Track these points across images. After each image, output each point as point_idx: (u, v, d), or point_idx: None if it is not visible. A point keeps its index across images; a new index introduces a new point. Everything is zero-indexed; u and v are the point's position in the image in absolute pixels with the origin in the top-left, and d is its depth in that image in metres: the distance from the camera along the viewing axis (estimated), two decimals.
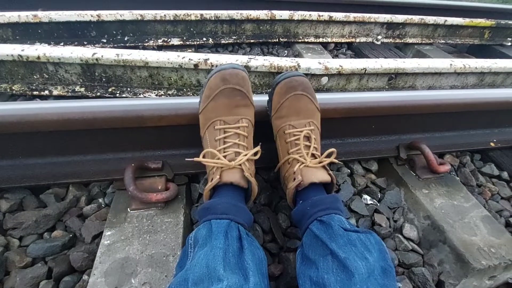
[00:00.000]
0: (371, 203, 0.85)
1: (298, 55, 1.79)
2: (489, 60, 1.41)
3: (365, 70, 1.21)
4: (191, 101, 0.75)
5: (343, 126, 0.90)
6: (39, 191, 0.77)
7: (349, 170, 0.95)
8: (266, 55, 1.78)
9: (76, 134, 0.72)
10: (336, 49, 1.96)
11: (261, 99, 0.78)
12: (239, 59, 1.12)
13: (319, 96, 0.79)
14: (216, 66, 1.07)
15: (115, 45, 1.57)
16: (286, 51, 1.83)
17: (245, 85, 0.65)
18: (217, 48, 1.76)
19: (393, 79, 1.31)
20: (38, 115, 0.67)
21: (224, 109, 0.63)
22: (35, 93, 1.15)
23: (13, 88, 1.15)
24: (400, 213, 0.84)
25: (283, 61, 1.14)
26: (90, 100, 0.74)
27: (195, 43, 1.68)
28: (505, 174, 1.03)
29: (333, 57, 1.83)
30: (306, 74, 1.17)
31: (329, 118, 0.82)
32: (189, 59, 1.09)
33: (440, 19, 2.04)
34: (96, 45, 1.55)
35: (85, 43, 1.54)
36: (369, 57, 1.81)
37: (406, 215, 0.84)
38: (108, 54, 1.07)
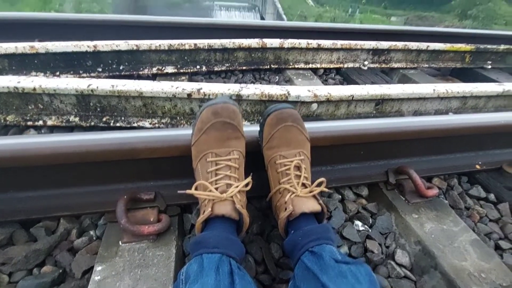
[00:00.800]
0: (363, 229, 0.86)
1: (289, 80, 1.86)
2: (470, 85, 1.49)
3: (353, 97, 1.26)
4: (183, 132, 0.77)
5: (332, 153, 0.92)
6: (29, 224, 0.76)
7: (340, 196, 0.97)
8: (258, 81, 1.84)
9: (69, 167, 0.73)
10: (325, 74, 2.04)
11: (252, 129, 0.80)
12: (231, 88, 1.16)
13: (308, 125, 0.82)
14: (209, 95, 1.12)
15: (110, 74, 1.61)
16: (277, 77, 1.89)
17: (236, 118, 0.67)
18: (210, 75, 1.82)
19: (380, 104, 1.36)
20: (32, 150, 0.68)
21: (216, 142, 0.65)
22: (29, 123, 1.16)
23: (7, 119, 1.16)
24: (392, 239, 0.85)
25: (274, 89, 1.18)
26: (84, 133, 0.75)
27: (189, 70, 1.74)
28: (492, 196, 1.05)
29: (322, 82, 1.89)
30: (296, 102, 1.22)
31: (319, 146, 0.85)
32: (183, 88, 1.12)
33: (423, 45, 2.16)
34: (92, 74, 1.59)
35: (80, 72, 1.58)
36: (357, 82, 1.89)
37: (398, 240, 0.85)
38: (103, 85, 1.10)
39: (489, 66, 2.41)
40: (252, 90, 1.16)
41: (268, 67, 1.91)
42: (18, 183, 0.73)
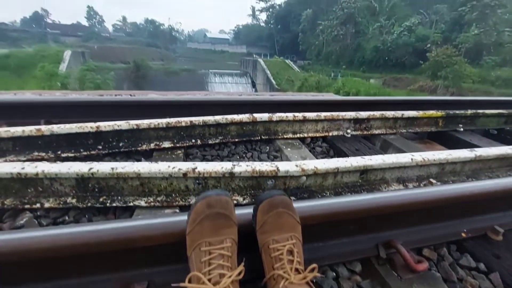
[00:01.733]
0: None
1: (278, 150, 1.98)
2: (444, 152, 1.62)
3: (338, 169, 1.35)
4: (177, 219, 0.81)
5: (323, 229, 0.96)
6: None
7: (334, 274, 0.97)
8: (250, 152, 1.95)
9: (64, 260, 0.74)
10: (312, 143, 2.19)
11: (246, 211, 0.86)
12: (224, 166, 1.24)
13: (297, 205, 0.89)
14: (203, 174, 1.19)
15: (110, 151, 1.70)
16: (267, 147, 2.02)
17: (228, 207, 0.73)
18: (204, 147, 1.93)
19: (365, 174, 1.45)
20: (30, 245, 0.71)
21: (209, 232, 0.70)
22: (26, 206, 1.19)
23: (5, 202, 1.19)
24: None
25: (264, 166, 1.27)
26: (80, 225, 0.78)
27: (185, 144, 1.85)
28: (482, 266, 1.06)
29: (310, 150, 2.02)
30: (286, 176, 1.30)
31: (309, 224, 0.89)
32: (179, 168, 1.20)
33: (398, 113, 2.38)
34: (92, 152, 1.67)
35: (81, 150, 1.67)
36: (342, 149, 2.02)
37: None
38: (103, 168, 1.17)
39: (461, 129, 2.62)
40: (244, 167, 1.25)
41: (259, 138, 2.05)
42: (10, 278, 0.73)
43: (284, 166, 1.29)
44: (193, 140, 1.88)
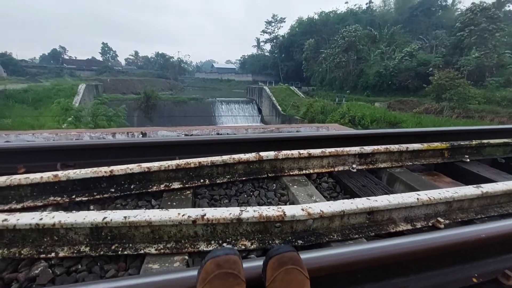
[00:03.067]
0: None
1: (285, 187, 2.01)
2: (450, 190, 1.62)
3: (344, 212, 1.37)
4: (187, 274, 0.84)
5: (331, 280, 0.97)
6: None
7: None
8: (257, 190, 1.99)
9: None
10: (318, 178, 2.21)
11: (255, 264, 0.88)
12: (232, 212, 1.28)
13: (305, 256, 0.91)
14: (212, 220, 1.23)
15: (122, 194, 1.77)
16: (274, 185, 2.05)
17: (237, 267, 0.76)
18: (213, 187, 1.98)
19: (372, 214, 1.46)
20: None
21: None
22: (42, 256, 1.23)
23: (22, 252, 1.23)
24: None
25: (271, 211, 1.30)
26: (90, 284, 0.82)
27: (194, 185, 1.90)
28: None
29: (316, 187, 2.04)
30: (292, 221, 1.32)
31: (317, 276, 0.90)
32: (188, 216, 1.24)
33: (403, 147, 2.41)
34: (105, 195, 1.74)
35: (95, 194, 1.73)
36: (348, 185, 2.04)
37: None
38: (116, 217, 1.22)
39: (468, 160, 2.62)
40: (251, 213, 1.28)
41: (266, 175, 2.09)
42: None
43: (290, 211, 1.31)
44: (202, 180, 1.94)
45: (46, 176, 1.66)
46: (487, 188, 1.68)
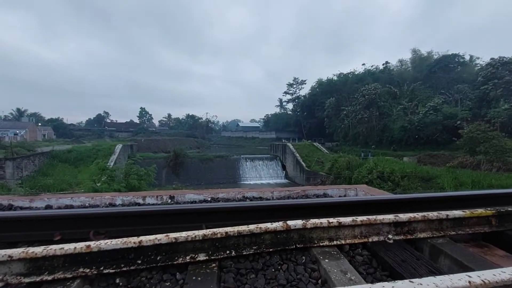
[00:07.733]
0: None
1: (316, 261, 1.88)
2: (507, 270, 1.42)
3: None
4: None
5: None
6: None
7: None
8: (285, 263, 1.87)
9: None
10: (351, 250, 2.05)
11: None
12: None
13: None
14: None
15: (148, 266, 1.74)
16: (303, 257, 1.93)
17: None
18: (239, 259, 1.90)
19: None
20: None
21: None
22: None
23: None
24: None
25: None
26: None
27: (219, 257, 1.84)
28: None
29: (349, 261, 1.89)
30: None
31: None
32: None
33: (442, 214, 2.23)
34: (131, 267, 1.72)
35: (122, 265, 1.73)
36: (385, 260, 1.86)
37: None
38: None
39: None
40: None
41: (294, 246, 1.98)
42: None
43: None
44: (228, 252, 1.88)
45: (80, 246, 1.70)
46: None
